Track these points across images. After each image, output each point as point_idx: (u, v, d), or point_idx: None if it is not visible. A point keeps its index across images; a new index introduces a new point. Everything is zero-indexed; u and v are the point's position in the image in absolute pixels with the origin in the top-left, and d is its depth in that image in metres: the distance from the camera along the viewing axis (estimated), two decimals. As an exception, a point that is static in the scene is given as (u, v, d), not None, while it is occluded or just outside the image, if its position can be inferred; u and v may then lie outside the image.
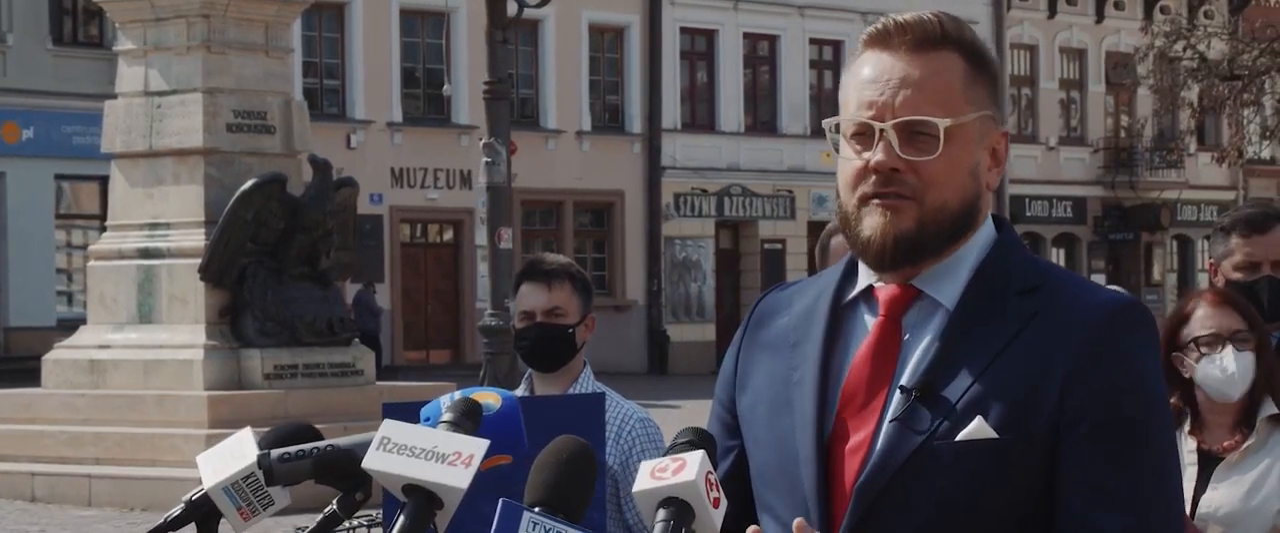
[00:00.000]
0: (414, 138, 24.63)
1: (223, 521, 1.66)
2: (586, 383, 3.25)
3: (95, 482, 10.59)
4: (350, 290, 20.75)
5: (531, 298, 3.25)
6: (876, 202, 1.65)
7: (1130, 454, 1.61)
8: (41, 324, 21.83)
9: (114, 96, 12.20)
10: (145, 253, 11.79)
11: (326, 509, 1.63)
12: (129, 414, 11.12)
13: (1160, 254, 33.09)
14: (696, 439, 1.53)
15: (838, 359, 1.68)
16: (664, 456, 1.51)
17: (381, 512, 2.99)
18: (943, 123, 1.64)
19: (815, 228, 24.38)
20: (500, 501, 1.46)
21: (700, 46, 27.36)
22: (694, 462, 1.48)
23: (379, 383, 12.56)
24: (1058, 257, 32.13)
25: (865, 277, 1.71)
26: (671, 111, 26.68)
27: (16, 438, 11.33)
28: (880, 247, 1.65)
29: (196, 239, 11.60)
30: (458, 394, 1.61)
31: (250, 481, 1.63)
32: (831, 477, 1.64)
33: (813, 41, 27.81)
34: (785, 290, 1.78)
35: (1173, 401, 2.87)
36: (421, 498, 1.47)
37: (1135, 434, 1.61)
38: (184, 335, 11.50)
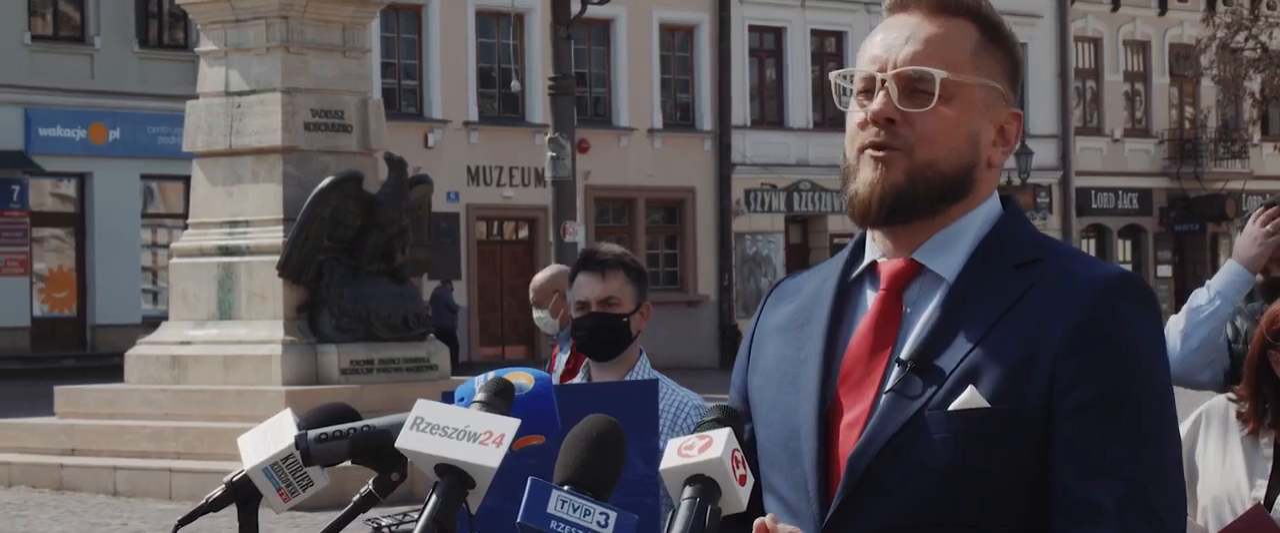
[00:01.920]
0: (489, 136, 24.85)
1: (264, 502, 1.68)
2: (642, 371, 3.27)
3: (176, 476, 10.72)
4: (427, 287, 20.94)
5: (586, 288, 3.28)
6: (870, 152, 1.66)
7: (1123, 425, 1.59)
8: (127, 321, 22.26)
9: (196, 97, 12.42)
10: (225, 250, 11.95)
11: (362, 490, 1.64)
12: (209, 409, 11.26)
13: (1226, 245, 32.74)
14: (723, 417, 1.53)
15: (843, 336, 1.68)
16: (691, 434, 1.51)
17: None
18: (939, 74, 1.65)
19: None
20: (529, 479, 1.46)
21: (769, 44, 27.44)
22: (720, 439, 1.48)
23: (453, 378, 12.66)
24: (1124, 248, 32.15)
25: (870, 253, 1.71)
26: (741, 108, 26.81)
27: (100, 433, 11.53)
28: (866, 200, 1.65)
29: (275, 236, 11.74)
30: (491, 375, 1.62)
31: (289, 461, 1.64)
32: (830, 451, 1.64)
33: (880, 37, 27.77)
34: (798, 277, 1.79)
35: (1246, 390, 2.83)
36: (454, 477, 1.48)
37: (1127, 405, 1.60)
38: (263, 331, 11.64)
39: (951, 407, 1.60)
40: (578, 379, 3.36)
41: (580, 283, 3.30)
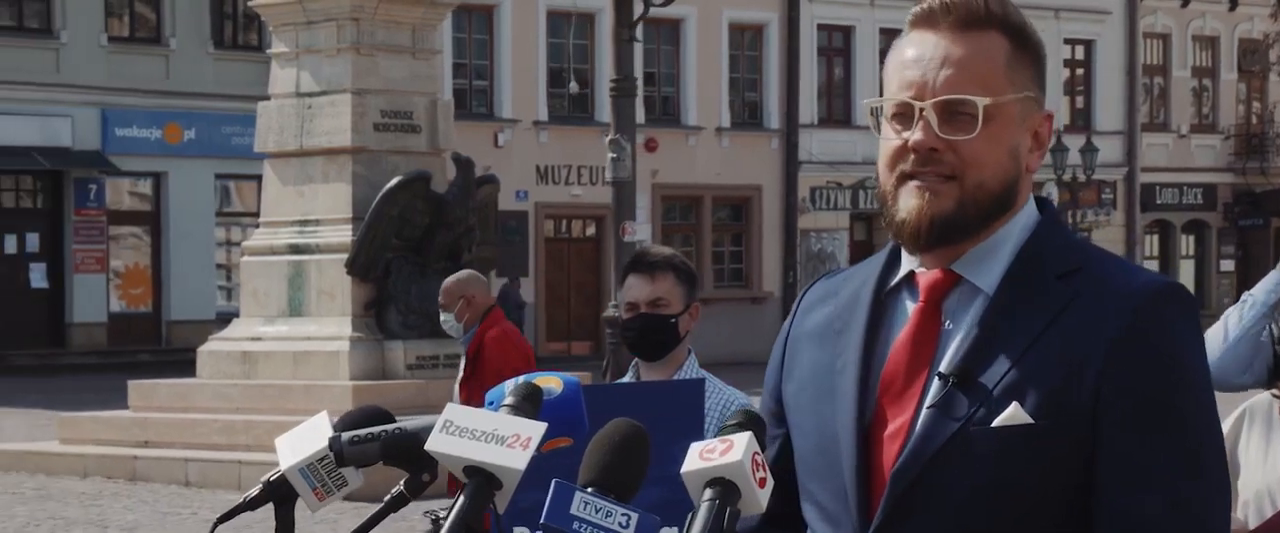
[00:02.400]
0: (558, 136, 25.00)
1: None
2: (690, 370, 3.31)
3: (245, 468, 10.88)
4: (496, 284, 21.09)
5: (636, 289, 3.32)
6: (914, 183, 1.64)
7: (1169, 436, 1.59)
8: (201, 317, 22.62)
9: (268, 98, 12.60)
10: (295, 249, 12.12)
11: (393, 490, 1.67)
12: (279, 403, 11.42)
13: (1290, 239, 32.40)
14: (745, 421, 1.55)
15: (880, 346, 1.67)
16: (713, 437, 1.53)
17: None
18: (982, 101, 1.62)
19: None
20: (553, 481, 1.49)
21: (837, 43, 27.43)
22: (741, 443, 1.50)
23: (518, 375, 12.73)
24: (1188, 244, 31.86)
25: (907, 263, 1.69)
26: (809, 107, 26.85)
27: (173, 426, 11.74)
28: (915, 227, 1.64)
29: (344, 235, 11.90)
30: (521, 379, 1.64)
31: (324, 462, 1.66)
32: (871, 463, 1.64)
33: (950, 36, 27.62)
34: (832, 279, 1.77)
35: None
36: (481, 479, 1.50)
37: (1173, 417, 1.59)
38: (331, 328, 11.81)
39: (995, 422, 1.59)
40: (628, 378, 3.39)
41: (630, 284, 3.33)
